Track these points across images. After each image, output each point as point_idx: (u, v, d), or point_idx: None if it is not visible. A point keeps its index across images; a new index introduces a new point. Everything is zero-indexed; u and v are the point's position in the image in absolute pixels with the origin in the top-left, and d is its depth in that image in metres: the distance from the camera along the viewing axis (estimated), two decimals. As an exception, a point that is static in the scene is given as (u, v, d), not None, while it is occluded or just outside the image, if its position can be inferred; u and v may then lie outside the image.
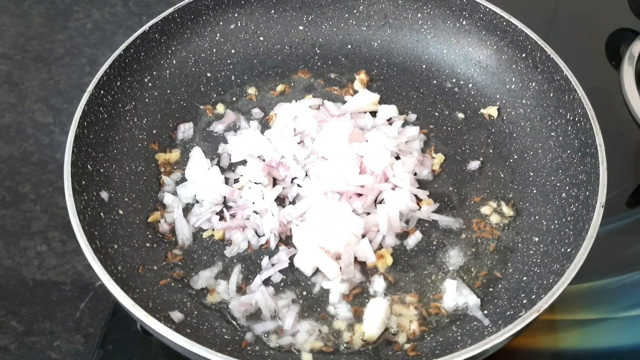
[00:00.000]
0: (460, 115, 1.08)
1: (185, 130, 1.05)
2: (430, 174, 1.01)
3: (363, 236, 0.93)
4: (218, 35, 1.11)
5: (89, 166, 0.91)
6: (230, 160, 1.02)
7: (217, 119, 1.07)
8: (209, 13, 1.10)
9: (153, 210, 0.96)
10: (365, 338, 0.85)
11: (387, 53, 1.15)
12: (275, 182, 0.99)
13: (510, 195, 0.99)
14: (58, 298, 1.01)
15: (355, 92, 1.10)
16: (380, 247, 0.93)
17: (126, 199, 0.95)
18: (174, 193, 0.98)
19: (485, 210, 0.98)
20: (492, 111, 1.07)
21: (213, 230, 0.95)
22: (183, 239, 0.94)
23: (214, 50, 1.11)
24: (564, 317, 0.94)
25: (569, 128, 0.97)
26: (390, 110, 1.07)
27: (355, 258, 0.91)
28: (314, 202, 0.94)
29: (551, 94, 1.01)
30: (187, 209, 0.97)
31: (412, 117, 1.08)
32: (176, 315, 0.83)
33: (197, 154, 1.00)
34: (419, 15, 1.13)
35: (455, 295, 0.88)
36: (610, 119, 1.01)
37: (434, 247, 0.94)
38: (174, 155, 1.02)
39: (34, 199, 1.11)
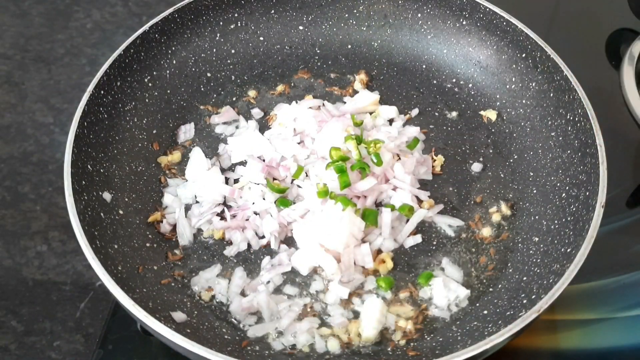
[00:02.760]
0: (460, 116, 1.08)
1: (187, 130, 1.05)
2: (430, 174, 1.01)
3: (364, 240, 0.93)
4: (218, 35, 1.12)
5: (89, 166, 0.91)
6: (230, 160, 1.02)
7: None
8: (209, 13, 1.10)
9: (153, 210, 0.96)
10: (362, 339, 0.85)
11: (387, 53, 1.15)
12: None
13: (510, 195, 0.99)
14: (58, 298, 1.01)
15: (355, 92, 1.10)
16: (380, 250, 0.93)
17: (126, 199, 0.95)
18: (175, 193, 0.98)
19: (485, 210, 0.98)
20: (491, 114, 1.07)
21: (213, 230, 0.95)
22: (184, 239, 0.94)
23: (214, 50, 1.11)
24: (564, 317, 0.94)
25: (569, 128, 0.97)
26: (391, 110, 1.07)
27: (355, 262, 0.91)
28: (313, 203, 0.94)
29: (551, 94, 1.01)
30: (186, 209, 0.97)
31: (415, 111, 1.08)
32: (178, 316, 0.83)
33: (197, 154, 1.00)
34: (419, 15, 1.13)
35: (445, 292, 0.88)
36: (610, 119, 1.01)
37: (434, 248, 0.94)
38: (176, 156, 1.02)
39: (34, 199, 1.11)
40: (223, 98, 1.10)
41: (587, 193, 0.88)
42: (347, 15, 1.15)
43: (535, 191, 0.97)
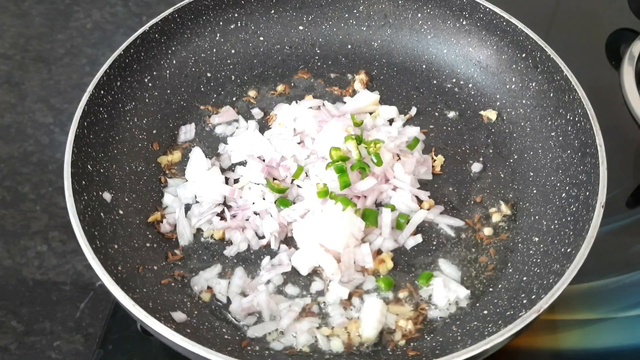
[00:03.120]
0: (460, 116, 1.08)
1: (187, 131, 1.05)
2: (430, 174, 1.01)
3: (364, 240, 0.93)
4: (218, 35, 1.12)
5: (89, 166, 0.91)
6: (230, 160, 1.02)
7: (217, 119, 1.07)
8: (209, 13, 1.10)
9: (153, 210, 0.96)
10: (363, 339, 0.85)
11: (387, 53, 1.15)
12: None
13: (510, 195, 0.99)
14: (58, 298, 1.01)
15: (355, 92, 1.10)
16: (380, 250, 0.93)
17: (126, 199, 0.95)
18: (175, 193, 0.98)
19: (485, 210, 0.98)
20: (491, 114, 1.07)
21: (213, 230, 0.95)
22: (184, 239, 0.94)
23: (214, 50, 1.11)
24: (564, 317, 0.94)
25: (569, 128, 0.97)
26: (391, 110, 1.07)
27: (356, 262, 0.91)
28: (313, 203, 0.94)
29: (551, 94, 1.01)
30: (186, 209, 0.97)
31: (413, 110, 1.08)
32: (178, 316, 0.83)
33: (197, 154, 1.00)
34: (419, 15, 1.13)
35: (445, 292, 0.88)
36: (610, 119, 1.00)
37: (434, 248, 0.94)
38: (176, 156, 1.02)
39: (34, 199, 1.11)
40: (223, 98, 1.10)
41: (587, 193, 0.88)
42: (347, 15, 1.15)
43: (535, 191, 0.97)
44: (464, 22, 1.10)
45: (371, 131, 1.03)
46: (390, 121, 1.07)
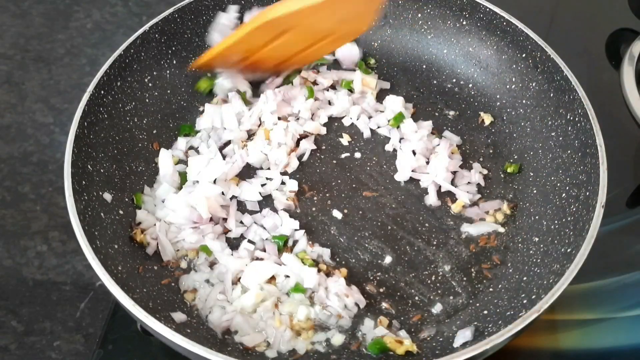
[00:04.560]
0: (460, 116, 1.08)
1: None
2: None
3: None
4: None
5: (89, 166, 0.91)
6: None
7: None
8: (209, 13, 1.10)
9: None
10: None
11: (387, 53, 1.15)
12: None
13: (510, 195, 0.99)
14: (58, 298, 1.01)
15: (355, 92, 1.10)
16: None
17: (126, 199, 0.95)
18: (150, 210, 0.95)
19: (485, 210, 0.98)
20: (487, 118, 1.06)
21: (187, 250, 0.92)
22: (167, 255, 0.91)
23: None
24: (564, 317, 0.94)
25: (569, 128, 0.97)
26: (397, 101, 1.07)
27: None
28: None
29: (551, 94, 1.01)
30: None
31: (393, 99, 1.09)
32: (178, 316, 0.83)
33: (164, 159, 0.97)
34: (419, 15, 1.13)
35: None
36: (610, 119, 1.01)
37: (434, 247, 0.94)
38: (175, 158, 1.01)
39: (34, 199, 1.11)
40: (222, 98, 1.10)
41: (587, 193, 0.88)
42: (347, 15, 1.15)
43: (535, 191, 0.97)
44: (464, 22, 1.10)
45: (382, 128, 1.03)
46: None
